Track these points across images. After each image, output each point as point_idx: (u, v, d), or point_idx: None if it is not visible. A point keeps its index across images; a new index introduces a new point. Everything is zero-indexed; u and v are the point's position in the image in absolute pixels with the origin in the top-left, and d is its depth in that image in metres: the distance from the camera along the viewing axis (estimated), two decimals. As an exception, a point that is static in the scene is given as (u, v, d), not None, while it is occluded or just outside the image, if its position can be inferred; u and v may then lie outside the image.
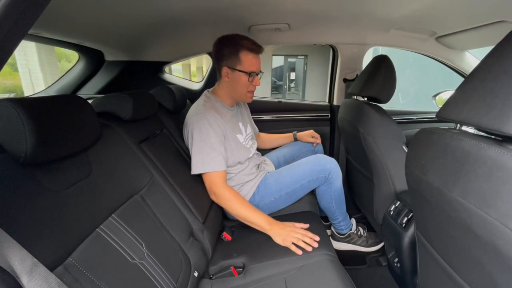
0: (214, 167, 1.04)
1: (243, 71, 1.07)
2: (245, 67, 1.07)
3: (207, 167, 1.04)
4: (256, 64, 1.08)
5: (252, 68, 1.07)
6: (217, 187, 1.05)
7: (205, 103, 1.11)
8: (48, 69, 3.53)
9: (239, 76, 1.08)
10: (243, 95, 1.13)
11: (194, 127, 1.06)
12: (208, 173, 1.05)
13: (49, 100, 0.56)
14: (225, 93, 1.16)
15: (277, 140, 1.55)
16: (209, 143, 1.04)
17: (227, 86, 1.14)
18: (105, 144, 0.74)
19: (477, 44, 1.37)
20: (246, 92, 1.12)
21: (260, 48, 1.09)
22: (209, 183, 1.07)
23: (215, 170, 1.04)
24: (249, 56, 1.06)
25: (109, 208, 0.65)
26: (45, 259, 0.44)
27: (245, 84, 1.09)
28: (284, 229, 0.98)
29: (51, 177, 0.55)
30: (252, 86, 1.12)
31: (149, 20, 1.11)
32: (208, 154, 1.04)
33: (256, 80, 1.11)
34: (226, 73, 1.10)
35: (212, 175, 1.05)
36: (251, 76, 1.09)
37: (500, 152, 0.42)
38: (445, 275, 0.64)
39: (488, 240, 0.45)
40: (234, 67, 1.07)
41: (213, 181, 1.05)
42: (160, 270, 0.69)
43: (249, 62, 1.06)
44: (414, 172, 0.65)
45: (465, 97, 0.52)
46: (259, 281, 0.86)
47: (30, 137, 0.48)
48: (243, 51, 1.05)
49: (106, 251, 0.59)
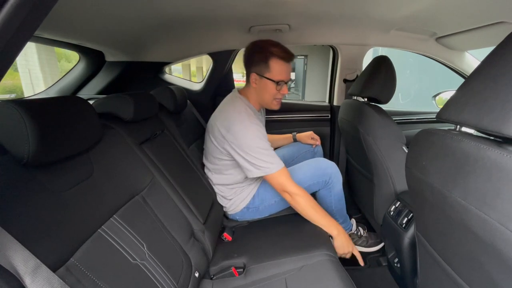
0: (278, 166, 1.04)
1: (271, 79, 1.06)
2: (274, 75, 1.05)
3: (272, 168, 1.03)
4: (285, 73, 1.07)
5: (281, 76, 1.06)
6: (288, 185, 1.04)
7: (246, 110, 1.08)
8: (48, 69, 3.53)
9: (266, 84, 1.07)
10: (269, 103, 1.12)
11: (244, 135, 1.03)
12: (274, 174, 1.04)
13: (50, 101, 0.57)
14: (252, 98, 1.15)
15: (276, 141, 1.55)
16: (264, 147, 1.03)
17: (254, 92, 1.13)
18: (107, 145, 0.74)
19: (477, 45, 1.37)
20: (272, 99, 1.11)
21: (291, 56, 1.07)
22: (278, 183, 1.05)
23: (280, 168, 1.04)
24: (279, 64, 1.04)
25: (111, 209, 0.65)
26: (48, 260, 0.44)
27: (273, 92, 1.08)
28: (347, 243, 1.04)
29: (53, 178, 0.55)
30: (280, 94, 1.10)
31: (149, 21, 1.11)
32: (267, 156, 1.03)
33: (284, 88, 1.09)
34: (254, 79, 1.09)
35: (279, 174, 1.04)
36: (279, 85, 1.07)
37: (500, 153, 0.43)
38: (445, 276, 0.65)
39: (488, 240, 0.45)
40: (263, 74, 1.06)
41: (282, 180, 1.04)
42: (161, 270, 0.69)
43: (278, 70, 1.05)
44: (414, 173, 0.65)
45: (465, 98, 0.52)
46: (259, 281, 0.86)
47: (32, 138, 0.49)
48: (273, 59, 1.04)
49: (107, 252, 0.59)
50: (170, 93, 1.22)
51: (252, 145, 1.02)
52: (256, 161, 1.02)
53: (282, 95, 1.12)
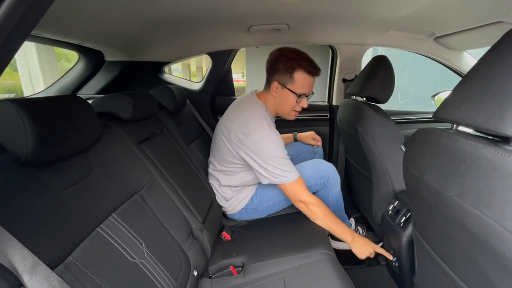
0: (295, 175, 1.03)
1: (293, 92, 1.05)
2: (297, 88, 1.04)
3: (289, 177, 1.02)
4: (308, 87, 1.06)
5: (304, 90, 1.05)
6: (303, 195, 1.04)
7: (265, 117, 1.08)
8: (47, 69, 3.54)
9: (287, 95, 1.06)
10: (287, 113, 1.12)
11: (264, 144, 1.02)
12: (289, 183, 1.03)
13: (49, 100, 0.57)
14: (270, 105, 1.14)
15: None
16: (282, 155, 1.03)
17: (273, 100, 1.12)
18: (105, 144, 0.74)
19: (476, 45, 1.38)
20: (290, 111, 1.10)
21: (318, 70, 1.05)
22: (293, 193, 1.05)
23: (296, 178, 1.03)
24: (303, 78, 1.03)
25: (109, 207, 0.66)
26: (46, 257, 0.45)
27: (292, 104, 1.07)
28: (365, 247, 1.03)
29: (52, 176, 0.55)
30: (299, 107, 1.09)
31: (149, 21, 1.11)
32: (285, 166, 1.02)
33: (304, 101, 1.08)
34: (276, 88, 1.07)
35: (294, 184, 1.03)
36: (300, 98, 1.06)
37: (495, 152, 0.43)
38: (442, 274, 0.65)
39: (484, 239, 0.46)
40: (285, 84, 1.05)
41: (297, 190, 1.04)
42: (159, 269, 0.69)
43: (301, 84, 1.04)
44: (411, 172, 0.66)
45: (461, 98, 0.52)
46: (258, 280, 0.87)
47: (31, 137, 0.49)
48: (299, 71, 1.02)
49: (106, 250, 0.59)
50: (169, 92, 1.22)
51: (271, 154, 1.01)
52: (274, 170, 1.02)
53: (300, 108, 1.10)
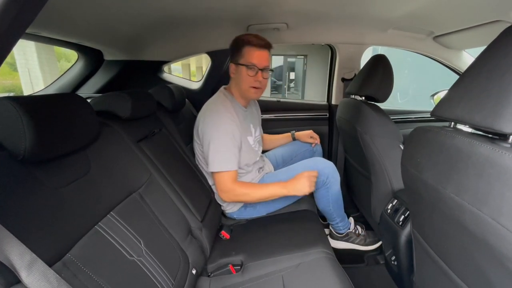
0: (227, 166, 1.05)
1: (243, 64, 1.08)
2: (245, 59, 1.07)
3: (221, 166, 1.05)
4: (257, 58, 1.07)
5: (252, 60, 1.07)
6: (227, 185, 1.06)
7: (223, 102, 1.12)
8: (47, 68, 3.53)
9: (241, 70, 1.09)
10: (246, 90, 1.12)
11: (211, 124, 1.06)
12: (220, 172, 1.06)
13: (48, 98, 0.57)
14: (235, 91, 1.17)
15: (276, 141, 1.56)
16: (225, 142, 1.05)
17: (234, 83, 1.15)
18: (104, 143, 0.74)
19: (474, 44, 1.38)
20: (248, 87, 1.11)
21: (263, 41, 1.08)
22: (220, 181, 1.07)
23: (228, 170, 1.05)
24: (251, 50, 1.07)
25: (108, 205, 0.66)
26: (44, 255, 0.45)
27: (246, 77, 1.09)
28: (299, 182, 1.06)
29: (50, 174, 0.55)
30: (256, 82, 1.10)
31: (148, 20, 1.11)
32: (223, 153, 1.05)
33: (259, 75, 1.09)
34: (232, 69, 1.12)
35: (224, 174, 1.06)
36: (251, 69, 1.08)
37: (492, 149, 0.43)
38: (441, 272, 0.65)
39: (481, 236, 0.46)
40: (238, 61, 1.09)
41: (224, 180, 1.06)
42: (158, 267, 0.70)
43: (249, 55, 1.07)
44: (409, 170, 0.66)
45: (458, 96, 0.52)
46: (256, 278, 0.87)
47: (29, 135, 0.49)
48: (246, 46, 1.07)
49: (104, 248, 0.59)
50: (168, 91, 1.22)
51: (213, 135, 1.05)
52: (211, 153, 1.05)
53: (259, 83, 1.11)
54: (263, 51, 1.09)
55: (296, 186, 1.06)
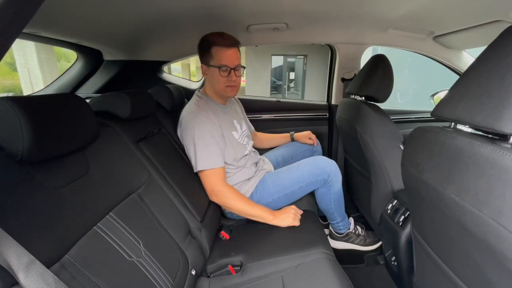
0: (210, 164, 1.05)
1: (214, 66, 1.07)
2: (216, 61, 1.07)
3: (203, 165, 1.05)
4: (227, 58, 1.06)
5: (223, 61, 1.06)
6: (216, 185, 1.06)
7: (197, 102, 1.13)
8: (47, 69, 3.53)
9: (213, 72, 1.09)
10: (222, 90, 1.12)
11: (188, 126, 1.07)
12: (205, 171, 1.06)
13: (46, 98, 0.57)
14: (210, 91, 1.17)
15: (274, 140, 1.56)
16: (204, 141, 1.05)
17: (208, 83, 1.16)
18: (103, 143, 0.74)
19: (474, 44, 1.37)
20: (224, 86, 1.10)
21: (229, 40, 1.07)
22: (208, 182, 1.08)
23: (211, 167, 1.05)
24: (220, 50, 1.06)
25: (107, 206, 0.66)
26: (42, 256, 0.44)
27: (221, 79, 1.08)
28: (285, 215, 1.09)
29: (49, 175, 0.55)
30: (230, 81, 1.10)
31: (147, 20, 1.11)
32: (203, 152, 1.05)
33: (232, 74, 1.08)
34: (204, 70, 1.12)
35: (209, 173, 1.06)
36: (223, 70, 1.07)
37: (493, 149, 0.43)
38: (441, 273, 0.65)
39: (481, 237, 0.45)
40: (209, 63, 1.09)
41: (211, 179, 1.06)
42: (157, 268, 0.69)
43: (219, 56, 1.06)
44: (409, 170, 0.66)
45: (459, 96, 0.52)
46: (256, 279, 0.86)
47: (27, 135, 0.49)
48: (214, 46, 1.06)
49: (103, 249, 0.59)
50: (168, 92, 1.22)
51: (194, 135, 1.04)
52: (192, 153, 1.05)
53: (234, 82, 1.10)
54: (232, 49, 1.08)
55: (281, 217, 1.09)
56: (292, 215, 1.09)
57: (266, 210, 1.10)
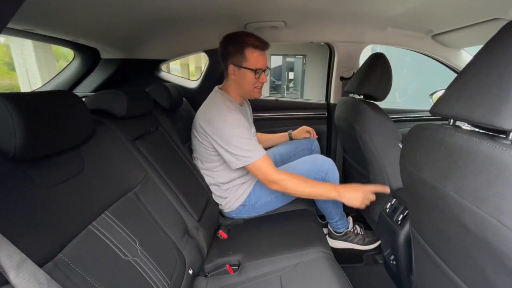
0: (259, 153, 1.03)
1: (249, 68, 1.07)
2: (251, 64, 1.07)
3: (254, 156, 1.03)
4: (262, 61, 1.08)
5: (258, 65, 1.07)
6: (272, 173, 1.04)
7: (225, 102, 1.10)
8: (45, 68, 3.51)
9: (245, 74, 1.09)
10: (250, 92, 1.13)
11: (223, 126, 1.04)
12: (257, 162, 1.03)
13: (39, 95, 0.56)
14: (233, 91, 1.16)
15: (272, 140, 1.55)
16: (245, 135, 1.04)
17: (234, 84, 1.14)
18: (99, 141, 0.73)
19: (473, 42, 1.37)
20: (253, 88, 1.12)
21: (265, 44, 1.09)
22: (262, 172, 1.04)
23: (261, 156, 1.03)
24: (255, 53, 1.06)
25: (102, 205, 0.65)
26: (34, 255, 0.44)
27: (252, 81, 1.09)
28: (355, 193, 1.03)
29: (42, 173, 0.54)
30: (259, 83, 1.12)
31: (145, 17, 1.10)
32: (250, 145, 1.03)
33: (263, 76, 1.11)
34: (233, 71, 1.10)
35: (260, 162, 1.03)
36: (257, 73, 1.09)
37: (492, 146, 0.42)
38: (440, 272, 0.64)
39: (480, 234, 0.45)
40: (240, 64, 1.08)
41: (265, 168, 1.04)
42: (153, 267, 0.69)
43: (255, 59, 1.07)
44: (408, 168, 0.65)
45: (457, 93, 0.51)
46: (254, 278, 0.86)
47: (19, 132, 0.48)
48: (248, 48, 1.06)
49: (98, 248, 0.58)
50: (165, 90, 1.21)
51: (232, 134, 1.03)
52: (236, 151, 1.03)
53: (261, 83, 1.13)
54: (265, 52, 1.10)
55: (350, 194, 1.03)
56: (360, 199, 1.03)
57: (329, 186, 1.06)
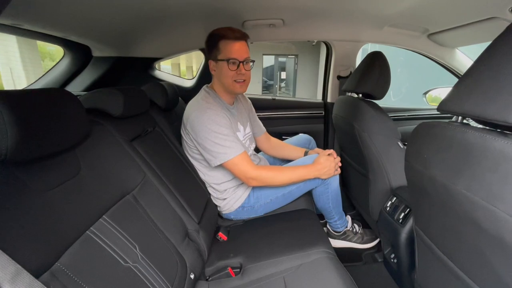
0: (235, 151, 1.02)
1: (223, 59, 1.04)
2: (224, 55, 1.04)
3: (230, 153, 1.01)
4: (236, 51, 1.03)
5: (231, 55, 1.03)
6: (250, 170, 1.03)
7: (206, 98, 1.09)
8: (31, 68, 3.39)
9: (221, 66, 1.05)
10: (230, 86, 1.08)
11: (199, 123, 1.02)
12: (233, 160, 1.02)
13: (33, 93, 0.52)
14: (217, 88, 1.13)
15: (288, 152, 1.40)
16: (222, 132, 1.02)
17: (217, 80, 1.12)
18: (95, 142, 0.70)
19: (469, 41, 1.39)
20: (232, 81, 1.07)
21: (238, 33, 1.03)
22: (239, 170, 1.04)
23: (238, 154, 1.02)
24: (228, 44, 1.03)
25: (100, 209, 0.61)
26: (30, 265, 0.41)
27: (228, 73, 1.05)
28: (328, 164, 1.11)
29: (36, 176, 0.51)
30: (238, 76, 1.06)
31: (139, 13, 1.06)
32: (225, 142, 1.01)
33: (241, 68, 1.05)
34: (212, 66, 1.09)
35: (237, 160, 1.02)
36: (232, 64, 1.04)
37: (506, 143, 0.42)
38: (445, 270, 0.64)
39: (495, 233, 0.44)
40: (216, 58, 1.06)
41: (242, 166, 1.03)
42: (155, 273, 0.66)
43: (228, 50, 1.03)
44: (415, 167, 0.64)
45: (468, 90, 0.51)
46: (257, 281, 0.84)
47: (11, 132, 0.44)
48: (221, 40, 1.03)
49: (97, 255, 0.55)
50: (161, 89, 1.18)
51: (207, 130, 1.01)
52: (212, 147, 1.01)
53: (242, 76, 1.07)
54: (240, 42, 1.04)
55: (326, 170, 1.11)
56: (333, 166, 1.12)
57: (304, 168, 1.11)
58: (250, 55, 1.08)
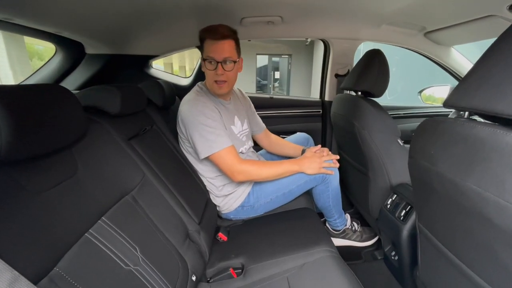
0: (222, 144, 1.00)
1: (204, 59, 1.04)
2: (205, 54, 1.03)
3: (216, 146, 1.00)
4: (215, 51, 1.00)
5: (210, 53, 1.01)
6: (235, 164, 1.02)
7: (197, 92, 1.08)
8: (18, 67, 3.28)
9: (204, 66, 1.05)
10: (211, 86, 1.08)
11: (188, 114, 1.02)
12: (219, 153, 1.00)
13: (27, 89, 0.49)
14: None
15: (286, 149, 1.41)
16: (209, 124, 1.00)
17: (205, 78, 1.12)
18: (92, 141, 0.67)
19: (466, 39, 1.40)
20: (212, 82, 1.06)
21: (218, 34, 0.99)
22: (225, 163, 1.02)
23: (223, 148, 1.01)
24: (208, 43, 1.02)
25: (98, 210, 0.59)
26: (27, 271, 0.38)
27: (207, 72, 1.05)
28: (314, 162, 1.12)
29: (31, 176, 0.48)
30: (217, 76, 1.03)
31: (134, 9, 1.03)
32: (211, 135, 1.00)
33: (219, 68, 1.01)
34: (202, 64, 1.08)
35: (224, 153, 1.01)
36: (210, 63, 1.02)
37: None
38: (450, 266, 0.64)
39: (506, 228, 0.44)
40: (202, 56, 1.06)
41: (228, 159, 1.02)
42: (156, 275, 0.63)
43: (207, 48, 1.02)
44: (420, 163, 0.64)
45: (476, 84, 0.50)
46: (260, 281, 0.82)
47: (5, 131, 0.42)
48: (205, 39, 1.02)
49: (97, 258, 0.53)
50: (159, 87, 1.15)
51: (195, 122, 1.00)
52: (199, 139, 1.01)
53: (222, 77, 1.03)
54: (220, 42, 1.01)
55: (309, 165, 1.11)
56: (318, 165, 1.12)
57: (288, 162, 1.12)
58: (237, 55, 1.05)
